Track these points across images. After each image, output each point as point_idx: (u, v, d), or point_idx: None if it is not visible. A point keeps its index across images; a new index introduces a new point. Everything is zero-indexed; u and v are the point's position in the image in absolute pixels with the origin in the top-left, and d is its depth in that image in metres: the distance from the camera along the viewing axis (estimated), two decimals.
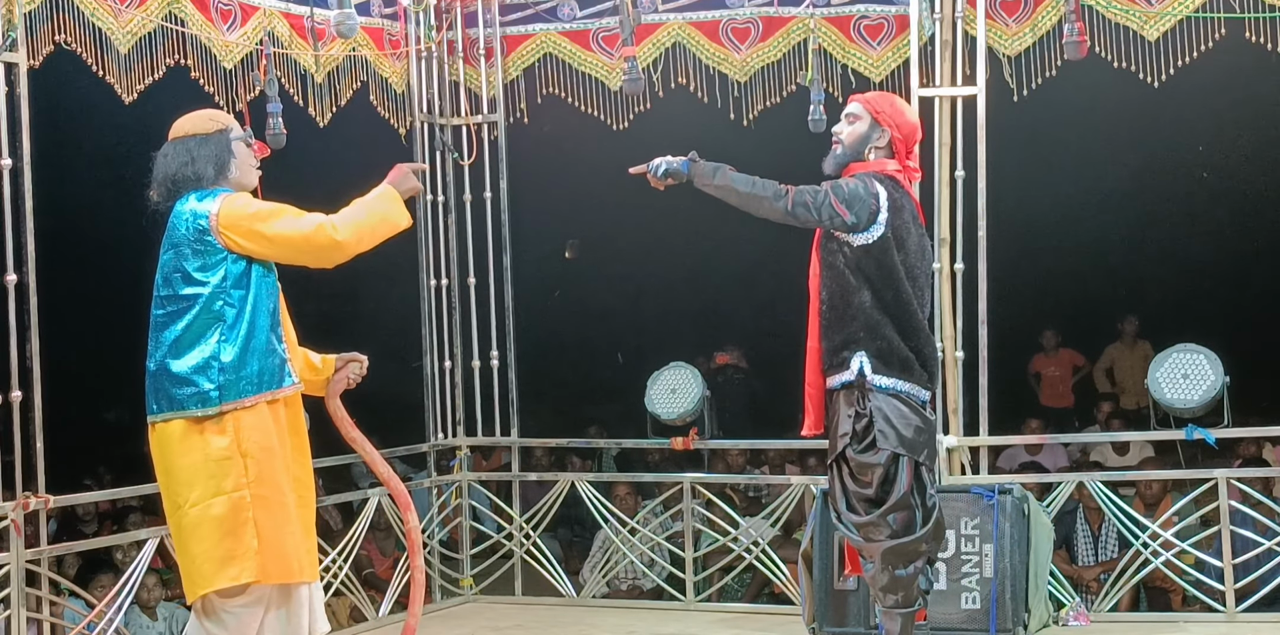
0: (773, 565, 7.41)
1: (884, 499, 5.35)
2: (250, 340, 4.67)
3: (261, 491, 4.60)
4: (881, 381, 5.35)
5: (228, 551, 4.57)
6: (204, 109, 4.95)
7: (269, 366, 4.69)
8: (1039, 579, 6.53)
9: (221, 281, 4.67)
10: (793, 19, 7.30)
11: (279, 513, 4.63)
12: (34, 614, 5.96)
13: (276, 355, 4.72)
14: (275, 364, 4.71)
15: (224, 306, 4.66)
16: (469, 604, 7.81)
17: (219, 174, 4.75)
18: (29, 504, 5.86)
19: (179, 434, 4.65)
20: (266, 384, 4.67)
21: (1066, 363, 12.89)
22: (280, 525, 4.62)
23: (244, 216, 4.64)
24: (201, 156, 4.74)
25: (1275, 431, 7.86)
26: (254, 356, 4.67)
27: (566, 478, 7.97)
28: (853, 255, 5.35)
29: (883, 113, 5.47)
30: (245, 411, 4.63)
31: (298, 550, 4.68)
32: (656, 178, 5.36)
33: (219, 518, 4.57)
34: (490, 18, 7.80)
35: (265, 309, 4.72)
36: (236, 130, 4.84)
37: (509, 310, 7.93)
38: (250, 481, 4.59)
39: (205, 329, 4.66)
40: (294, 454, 4.77)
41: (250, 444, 4.61)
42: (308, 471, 4.85)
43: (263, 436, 4.63)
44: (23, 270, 5.86)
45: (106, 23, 6.19)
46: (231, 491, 4.58)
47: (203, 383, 4.62)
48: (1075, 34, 6.26)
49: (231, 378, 4.63)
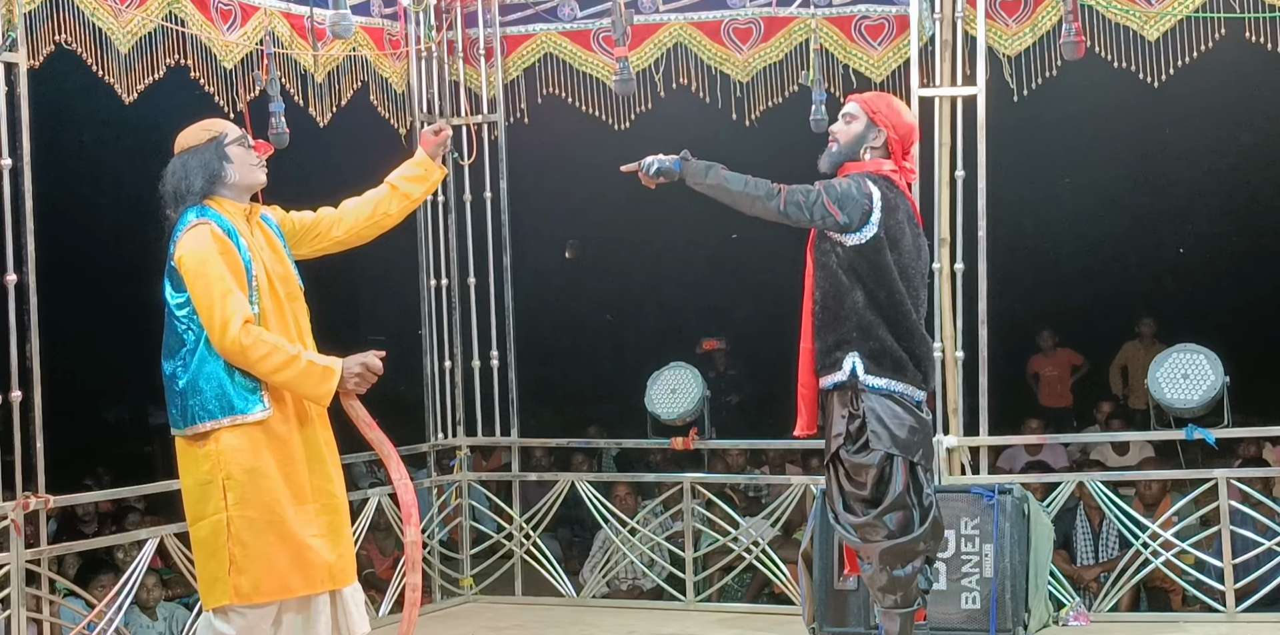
0: (773, 565, 7.41)
1: (880, 499, 5.34)
2: (204, 365, 4.65)
3: (246, 513, 4.60)
4: (874, 382, 5.34)
5: (212, 574, 4.65)
6: (204, 119, 4.92)
7: (227, 394, 4.63)
8: (1039, 579, 6.53)
9: (185, 306, 4.69)
10: (794, 19, 7.30)
11: (267, 533, 4.61)
12: (34, 614, 5.96)
13: (240, 383, 4.65)
14: (234, 391, 4.64)
15: (185, 330, 4.69)
16: (469, 604, 7.81)
17: (211, 183, 4.74)
18: (29, 504, 5.86)
19: (180, 451, 4.74)
20: (225, 411, 4.63)
21: (1064, 363, 12.89)
22: (270, 545, 4.60)
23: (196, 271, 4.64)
24: (192, 169, 4.75)
25: (1275, 431, 7.86)
26: (207, 383, 4.64)
27: (566, 478, 7.97)
28: (845, 255, 5.35)
29: (879, 113, 5.47)
30: (226, 432, 4.62)
31: (300, 564, 4.66)
32: (648, 176, 5.36)
33: (202, 541, 4.66)
34: (490, 18, 7.80)
35: None
36: (232, 134, 4.82)
37: (509, 310, 7.93)
38: (231, 504, 4.60)
39: (171, 351, 4.73)
40: (312, 463, 4.75)
41: (233, 466, 4.61)
42: (328, 479, 4.80)
43: (247, 458, 4.61)
44: (23, 270, 5.86)
45: (107, 22, 6.19)
46: (212, 515, 4.62)
47: (170, 406, 4.71)
48: (1073, 34, 6.26)
49: (188, 403, 4.65)
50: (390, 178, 5.19)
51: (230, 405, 4.63)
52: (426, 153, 5.20)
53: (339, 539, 4.79)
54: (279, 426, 4.68)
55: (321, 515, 4.74)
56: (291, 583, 4.64)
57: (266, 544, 4.61)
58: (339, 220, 5.11)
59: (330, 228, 5.10)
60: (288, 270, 4.89)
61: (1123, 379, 12.53)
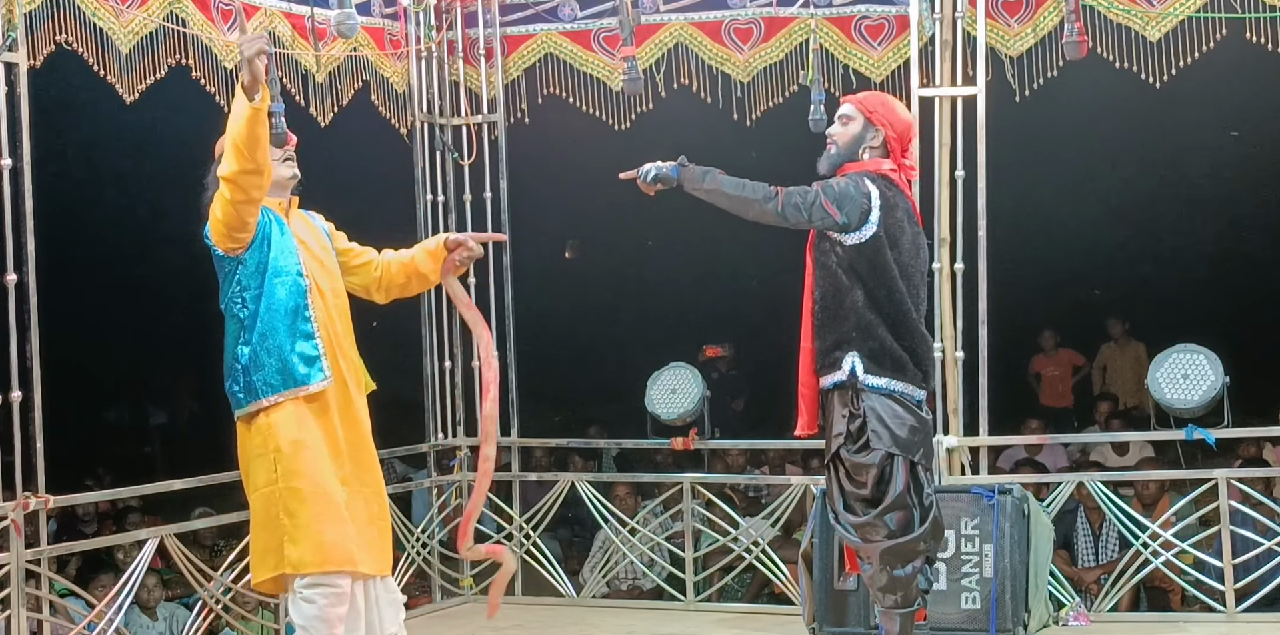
0: (773, 565, 7.41)
1: (880, 499, 5.34)
2: (266, 340, 4.77)
3: (292, 484, 4.72)
4: (874, 381, 5.34)
5: (264, 546, 4.78)
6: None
7: (289, 365, 4.77)
8: (1039, 579, 6.53)
9: (234, 286, 4.82)
10: (794, 19, 7.30)
11: (314, 504, 4.70)
12: (34, 614, 5.95)
13: (300, 353, 4.78)
14: (297, 362, 4.78)
15: (240, 308, 4.81)
16: (469, 604, 7.81)
17: None
18: (29, 504, 5.86)
19: (239, 434, 4.88)
20: (288, 383, 4.77)
21: (1066, 363, 12.91)
22: (316, 515, 4.70)
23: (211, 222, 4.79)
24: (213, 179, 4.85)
25: (1275, 431, 7.86)
26: (270, 356, 4.77)
27: (566, 478, 7.97)
28: (845, 255, 5.35)
29: (875, 112, 5.47)
30: (275, 409, 4.76)
31: (342, 540, 4.72)
32: (646, 183, 5.36)
33: (256, 513, 4.80)
34: (490, 18, 7.80)
35: (282, 309, 4.80)
36: None
37: (509, 310, 7.93)
38: (280, 476, 4.73)
39: (232, 334, 4.84)
40: (352, 451, 4.86)
41: (281, 440, 4.74)
42: (366, 468, 4.91)
43: (292, 431, 4.74)
44: (23, 270, 5.86)
45: (108, 22, 6.18)
46: (264, 487, 4.77)
47: (232, 386, 4.83)
48: (1075, 34, 6.26)
49: (252, 379, 4.78)
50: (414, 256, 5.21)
51: (293, 376, 4.76)
52: (440, 273, 5.19)
53: (370, 527, 4.87)
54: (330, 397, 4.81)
55: (354, 501, 4.83)
56: (335, 556, 4.71)
57: (315, 515, 4.70)
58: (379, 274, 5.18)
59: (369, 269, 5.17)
60: (333, 265, 5.01)
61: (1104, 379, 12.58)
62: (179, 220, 5.35)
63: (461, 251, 5.14)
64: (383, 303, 5.28)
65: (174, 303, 10.78)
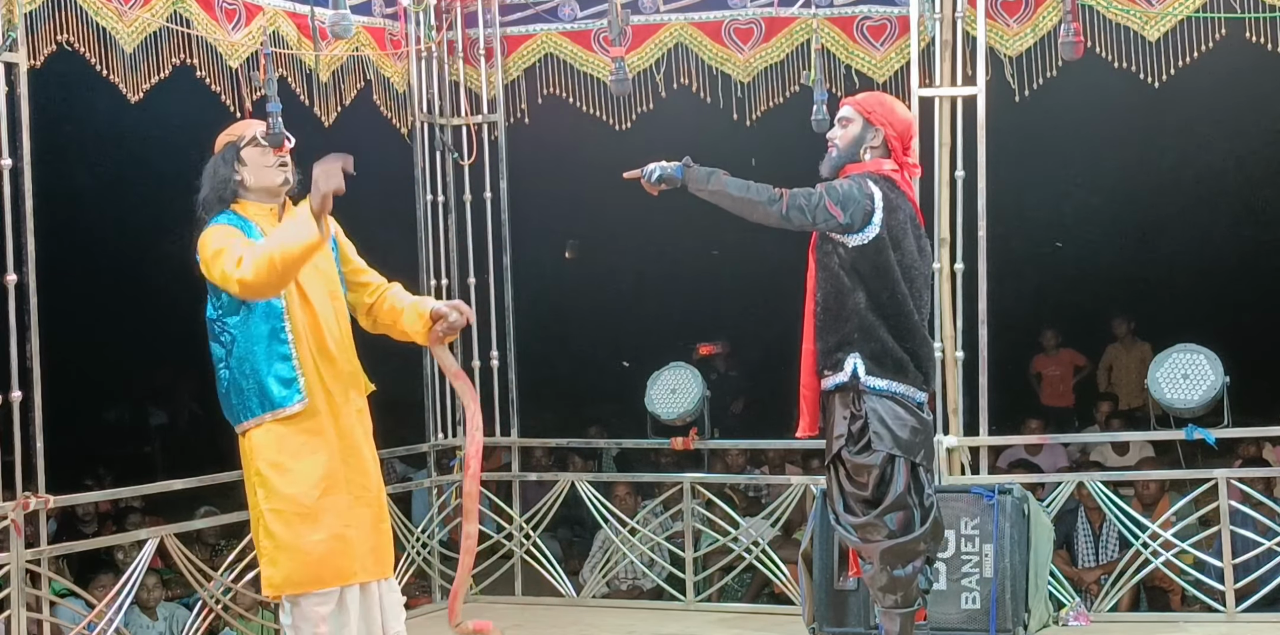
0: (773, 565, 7.41)
1: (880, 500, 5.35)
2: (243, 364, 4.79)
3: (274, 506, 4.76)
4: (875, 383, 5.35)
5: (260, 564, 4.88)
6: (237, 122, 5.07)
7: (265, 388, 4.78)
8: (1039, 579, 6.53)
9: (219, 308, 4.82)
10: (795, 19, 7.30)
11: (296, 524, 4.73)
12: (34, 614, 5.95)
13: (276, 376, 4.78)
14: (273, 384, 4.78)
15: (222, 332, 4.82)
16: (469, 604, 7.78)
17: (223, 190, 4.84)
18: (29, 504, 5.86)
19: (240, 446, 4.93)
20: (266, 406, 4.79)
21: (1067, 363, 12.90)
22: (299, 537, 4.73)
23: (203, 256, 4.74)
24: (206, 178, 4.87)
25: (1275, 431, 7.85)
26: (248, 380, 4.79)
27: (566, 478, 7.97)
28: (847, 256, 5.35)
29: (874, 113, 5.47)
30: (256, 430, 4.80)
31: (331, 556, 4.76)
32: (650, 183, 5.36)
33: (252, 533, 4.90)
34: (490, 18, 7.80)
35: (261, 333, 4.80)
36: (249, 135, 4.87)
37: (509, 310, 7.93)
38: (263, 499, 4.78)
39: (216, 356, 4.87)
40: (346, 456, 4.86)
41: (259, 461, 4.79)
42: (363, 472, 4.91)
43: (270, 453, 4.77)
44: (23, 270, 5.86)
45: (110, 22, 6.18)
46: (252, 509, 4.85)
47: (224, 409, 4.89)
48: (1072, 34, 6.26)
49: (232, 402, 4.83)
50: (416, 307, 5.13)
51: (270, 400, 4.77)
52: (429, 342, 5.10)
53: (373, 531, 4.89)
54: (308, 420, 4.79)
55: (355, 507, 4.84)
56: (322, 574, 4.75)
57: (295, 536, 4.73)
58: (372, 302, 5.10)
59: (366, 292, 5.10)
60: (331, 269, 4.96)
61: (1109, 379, 12.57)
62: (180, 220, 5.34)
63: (442, 323, 5.03)
64: (366, 328, 5.17)
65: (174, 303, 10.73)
